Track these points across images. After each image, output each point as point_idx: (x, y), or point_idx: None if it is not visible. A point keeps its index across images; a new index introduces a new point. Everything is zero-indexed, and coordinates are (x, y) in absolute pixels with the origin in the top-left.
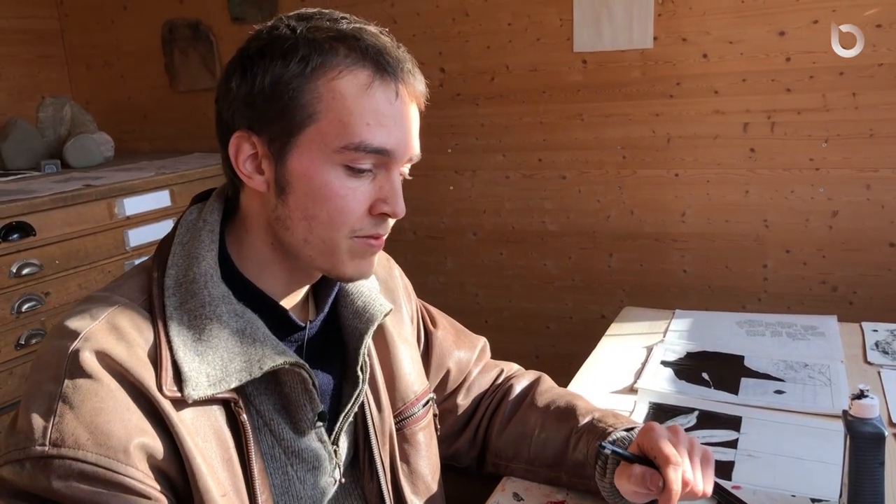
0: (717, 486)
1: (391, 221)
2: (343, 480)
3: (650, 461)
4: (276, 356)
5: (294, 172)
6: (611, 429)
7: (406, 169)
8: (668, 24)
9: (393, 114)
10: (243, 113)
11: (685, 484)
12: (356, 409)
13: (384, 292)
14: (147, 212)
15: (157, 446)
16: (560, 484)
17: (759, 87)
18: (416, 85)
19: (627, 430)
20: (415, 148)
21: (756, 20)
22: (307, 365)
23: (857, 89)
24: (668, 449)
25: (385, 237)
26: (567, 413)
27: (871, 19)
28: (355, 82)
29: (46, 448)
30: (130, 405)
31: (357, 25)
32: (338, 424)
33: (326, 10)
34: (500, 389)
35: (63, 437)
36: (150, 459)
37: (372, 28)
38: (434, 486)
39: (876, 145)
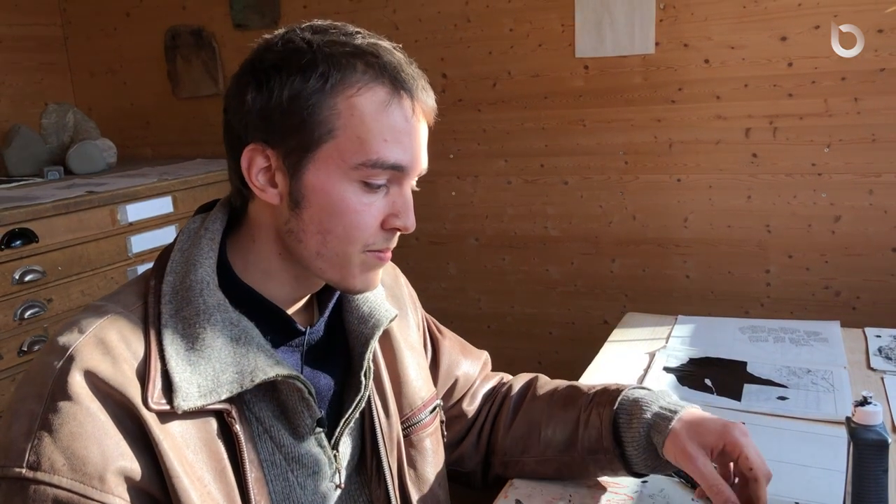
0: None
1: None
2: (343, 486)
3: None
4: (269, 368)
5: (310, 187)
6: (622, 389)
7: (413, 182)
8: (670, 30)
9: (408, 130)
10: (258, 126)
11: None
12: (356, 414)
13: (390, 299)
14: (149, 218)
15: (138, 469)
16: (572, 468)
17: (761, 93)
18: (429, 101)
19: (638, 388)
20: (424, 162)
21: (758, 26)
22: (301, 376)
23: (859, 94)
24: (760, 462)
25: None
26: (571, 395)
27: (874, 24)
28: (374, 99)
29: (24, 471)
30: (111, 428)
31: (372, 41)
32: (338, 430)
33: (339, 24)
34: (499, 392)
35: (40, 461)
36: (130, 482)
37: (385, 43)
38: (440, 493)
39: (878, 150)
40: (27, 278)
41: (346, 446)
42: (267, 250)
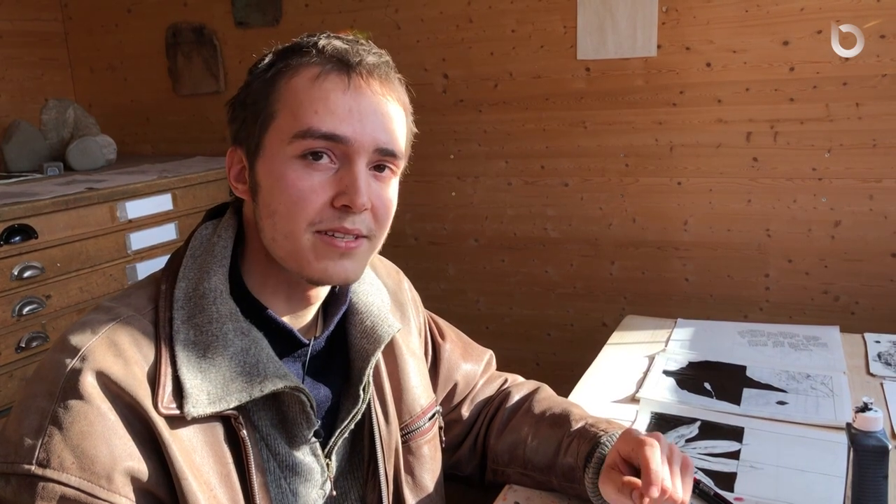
0: (719, 498)
1: (362, 218)
2: (335, 493)
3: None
4: (277, 379)
5: (260, 172)
6: (602, 433)
7: (390, 172)
8: (672, 33)
9: (346, 102)
10: (231, 130)
11: (664, 492)
12: (352, 426)
13: (394, 305)
14: (149, 215)
15: (145, 470)
16: (552, 488)
17: (763, 97)
18: (383, 79)
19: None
20: (381, 141)
21: (760, 30)
22: (306, 389)
23: (860, 99)
24: (651, 460)
25: (357, 239)
26: (561, 419)
27: (873, 30)
28: (306, 76)
29: (33, 468)
30: (120, 429)
31: (331, 36)
32: (332, 440)
33: (318, 32)
34: (498, 397)
35: (49, 458)
36: (137, 483)
37: (348, 37)
38: (436, 499)
39: (879, 155)
40: (26, 274)
41: (338, 455)
42: (256, 252)
